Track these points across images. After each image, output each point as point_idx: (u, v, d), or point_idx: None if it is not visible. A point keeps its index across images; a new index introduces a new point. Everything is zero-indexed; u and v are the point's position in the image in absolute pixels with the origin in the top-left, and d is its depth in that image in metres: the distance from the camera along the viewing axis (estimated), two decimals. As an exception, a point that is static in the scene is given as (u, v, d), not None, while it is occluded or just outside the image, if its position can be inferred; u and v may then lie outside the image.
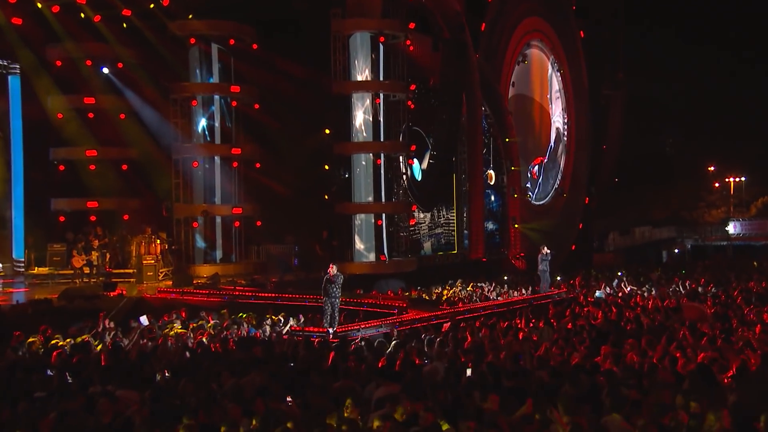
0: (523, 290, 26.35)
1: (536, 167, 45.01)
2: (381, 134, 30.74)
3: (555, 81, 46.65)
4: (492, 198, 40.73)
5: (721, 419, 7.97)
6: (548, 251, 25.90)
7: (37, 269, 26.87)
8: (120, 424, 8.75)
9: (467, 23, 35.55)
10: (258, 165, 29.41)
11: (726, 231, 58.92)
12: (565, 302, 22.18)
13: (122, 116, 27.91)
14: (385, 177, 30.99)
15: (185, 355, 13.41)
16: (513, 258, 39.62)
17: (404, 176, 32.78)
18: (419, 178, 34.66)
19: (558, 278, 29.16)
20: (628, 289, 25.76)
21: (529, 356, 12.11)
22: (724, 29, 62.99)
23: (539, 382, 10.03)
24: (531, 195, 44.14)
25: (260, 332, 17.41)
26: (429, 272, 31.22)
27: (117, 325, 17.37)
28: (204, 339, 15.86)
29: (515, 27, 41.49)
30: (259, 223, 29.47)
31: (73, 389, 10.33)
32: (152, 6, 27.38)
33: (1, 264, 26.39)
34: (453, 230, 37.59)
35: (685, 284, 25.89)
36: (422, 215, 35.27)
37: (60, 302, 21.20)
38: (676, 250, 58.07)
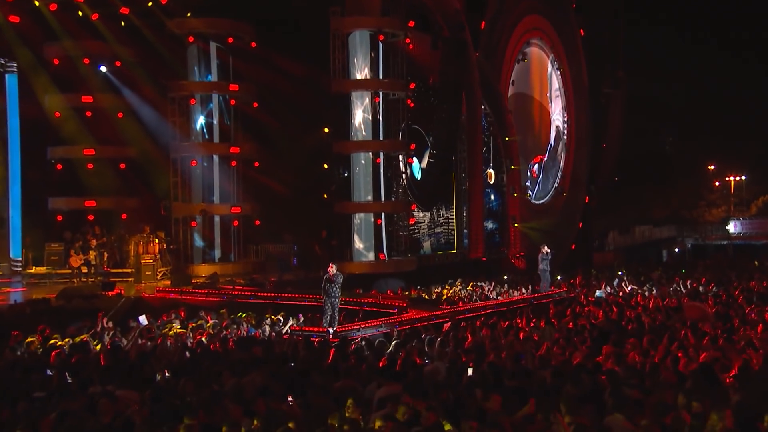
0: (524, 289, 26.36)
1: (536, 165, 45.01)
2: (380, 133, 30.73)
3: (555, 79, 46.64)
4: (492, 197, 40.73)
5: (724, 419, 7.97)
6: (548, 250, 25.93)
7: (35, 269, 26.89)
8: (120, 424, 8.75)
9: (467, 21, 35.52)
10: (257, 164, 29.41)
11: (726, 230, 58.96)
12: (566, 302, 22.18)
13: (120, 115, 27.90)
14: (385, 176, 30.99)
15: (185, 355, 13.40)
16: (513, 257, 39.64)
17: (404, 175, 32.76)
18: (419, 177, 34.65)
19: (558, 277, 29.20)
20: (629, 289, 25.79)
21: (531, 356, 12.12)
22: (725, 28, 63.10)
23: (541, 382, 10.04)
24: (531, 194, 44.14)
25: (260, 332, 17.40)
26: (428, 271, 31.22)
27: (115, 325, 17.35)
28: (203, 339, 15.84)
29: (515, 25, 41.49)
30: (258, 223, 29.46)
31: (73, 389, 10.33)
32: (150, 4, 27.42)
33: (-1, 264, 26.43)
34: (452, 229, 37.58)
35: (686, 284, 25.93)
36: (422, 214, 35.26)
37: (58, 302, 21.18)
38: (677, 250, 58.12)
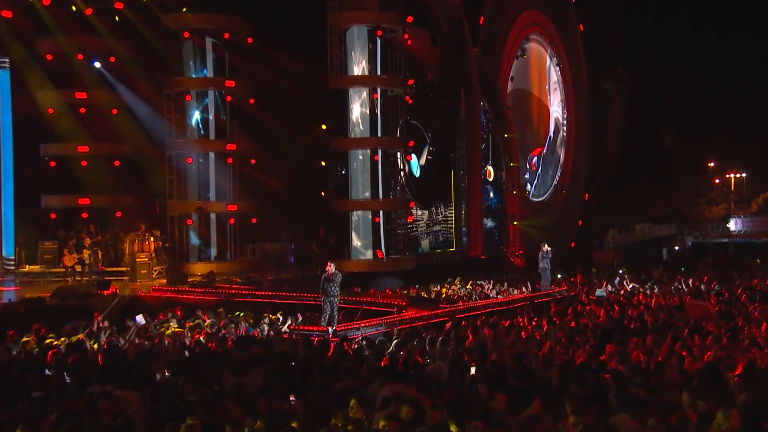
0: (524, 288, 26.39)
1: (535, 158, 45.10)
2: (378, 130, 30.76)
3: (553, 72, 46.72)
4: (491, 194, 40.80)
5: (731, 418, 8.00)
6: (549, 249, 25.91)
7: (28, 267, 26.86)
8: (121, 424, 8.76)
9: (465, 17, 35.54)
10: (253, 161, 29.37)
11: (727, 228, 59.01)
12: (567, 300, 22.23)
13: (115, 111, 27.88)
14: (383, 173, 31.03)
15: (184, 355, 13.41)
16: (512, 255, 39.71)
17: (402, 172, 32.79)
18: (417, 175, 34.68)
19: (559, 276, 29.24)
20: (630, 287, 25.84)
21: (534, 355, 12.14)
22: (725, 25, 63.09)
23: (545, 382, 10.06)
24: (529, 188, 44.21)
25: (258, 331, 17.41)
26: (427, 270, 31.27)
27: (111, 324, 17.36)
28: (201, 338, 15.84)
29: (514, 20, 41.54)
30: (255, 221, 29.46)
31: (72, 389, 10.33)
32: (145, -1, 27.39)
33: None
34: (451, 228, 37.62)
35: (688, 282, 26.00)
36: (420, 212, 35.30)
37: (53, 301, 21.20)
38: (677, 248, 58.20)
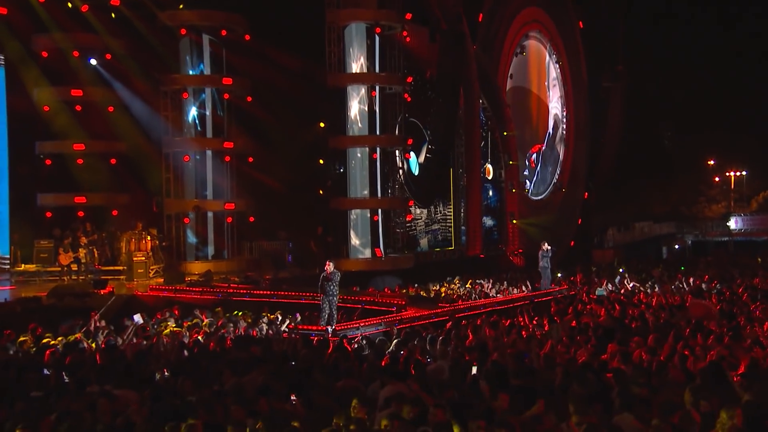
0: (524, 287, 26.40)
1: (534, 155, 45.13)
2: (377, 128, 30.75)
3: (552, 68, 46.74)
4: (490, 193, 40.82)
5: (734, 417, 8.01)
6: (549, 247, 25.87)
7: (24, 266, 26.75)
8: (121, 424, 8.76)
9: (465, 14, 35.54)
10: (251, 159, 29.36)
11: (727, 226, 59.05)
12: (567, 299, 22.24)
13: (111, 109, 27.77)
14: (381, 171, 31.03)
15: (183, 354, 13.41)
16: (511, 254, 39.75)
17: (401, 171, 32.79)
18: (416, 173, 34.67)
19: (559, 275, 29.26)
20: (631, 286, 25.85)
21: (536, 355, 12.15)
22: (725, 21, 63.11)
23: (548, 382, 10.06)
24: (529, 186, 44.22)
25: (257, 330, 17.41)
26: (426, 269, 31.29)
27: (108, 324, 17.35)
28: (200, 337, 15.84)
29: (513, 17, 41.60)
30: (252, 219, 29.46)
31: (71, 389, 10.33)
32: (141, -5, 27.34)
33: (-13, 261, 26.37)
34: (450, 226, 37.64)
35: (689, 281, 26.03)
36: (419, 211, 35.31)
37: (49, 300, 21.13)
38: (677, 246, 58.25)
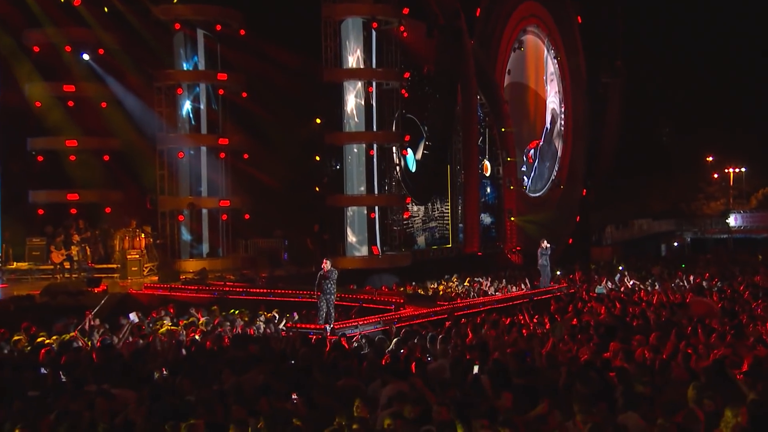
0: (523, 285, 26.42)
1: (532, 151, 45.21)
2: (374, 124, 30.75)
3: (550, 63, 46.80)
4: (488, 190, 40.85)
5: (739, 416, 8.07)
6: (548, 245, 25.89)
7: (16, 264, 26.72)
8: (120, 424, 8.78)
9: (462, 8, 35.48)
10: (246, 156, 29.32)
11: (726, 223, 59.16)
12: (567, 298, 22.30)
13: (104, 104, 27.80)
14: (378, 168, 31.05)
15: (180, 353, 13.41)
16: (509, 252, 39.80)
17: (398, 167, 32.81)
18: (413, 170, 34.69)
19: (558, 273, 29.32)
20: (631, 284, 25.91)
21: (538, 354, 12.19)
22: (725, 19, 63.14)
23: (551, 381, 10.10)
24: (527, 182, 44.28)
25: (254, 329, 17.43)
26: (423, 267, 31.37)
27: (103, 322, 17.35)
28: (197, 336, 15.85)
29: (511, 12, 41.61)
30: (247, 216, 29.40)
31: (68, 388, 10.33)
32: (135, -11, 27.32)
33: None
34: (447, 224, 37.69)
35: (689, 279, 26.12)
36: (416, 208, 35.33)
37: (42, 299, 21.15)
38: (676, 244, 58.34)
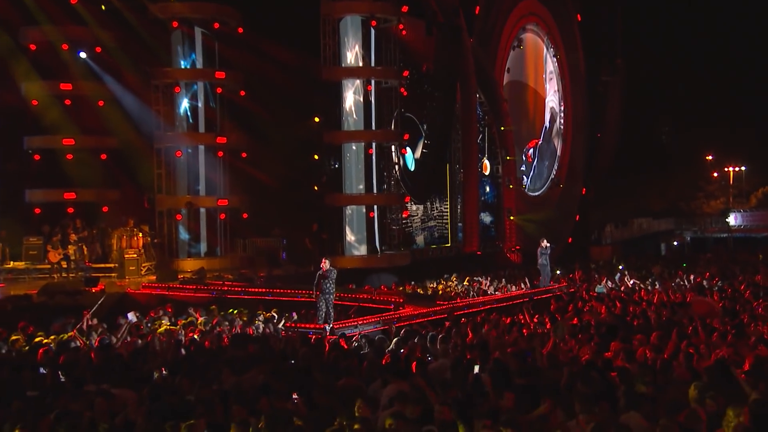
0: (522, 285, 26.44)
1: (531, 150, 45.25)
2: (372, 122, 30.76)
3: (550, 61, 46.83)
4: (487, 189, 40.88)
5: (741, 416, 8.09)
6: (548, 244, 25.96)
7: (12, 264, 26.61)
8: (120, 424, 8.80)
9: (461, 6, 35.54)
10: (244, 155, 29.27)
11: (726, 222, 59.25)
12: (567, 297, 22.34)
13: (101, 103, 27.71)
14: (377, 167, 31.05)
15: (180, 353, 13.43)
16: (508, 251, 39.83)
17: (396, 166, 32.82)
18: (412, 169, 34.71)
19: (558, 272, 29.36)
20: (631, 283, 25.95)
21: (539, 353, 12.21)
22: (725, 16, 63.18)
23: (553, 380, 10.12)
24: (526, 181, 44.31)
25: (253, 329, 17.46)
26: (422, 266, 31.40)
27: (101, 322, 17.37)
28: (196, 336, 15.87)
29: (510, 10, 41.65)
30: (246, 216, 29.36)
31: (67, 388, 10.35)
32: (132, -14, 27.29)
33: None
34: (446, 223, 37.70)
35: (689, 278, 26.16)
36: (414, 207, 35.33)
37: (40, 298, 21.14)
38: (675, 243, 58.39)
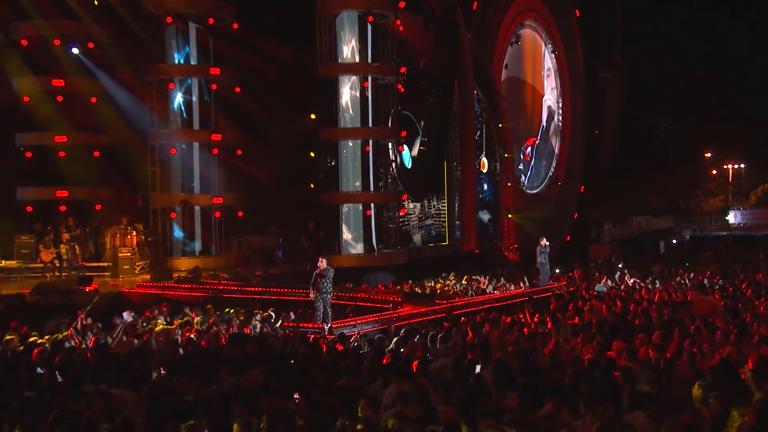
0: (522, 283, 26.47)
1: (529, 149, 45.31)
2: (369, 119, 30.77)
3: (548, 58, 46.89)
4: (485, 187, 40.92)
5: (746, 415, 8.15)
6: (547, 243, 26.02)
7: (4, 262, 26.58)
8: (120, 424, 8.82)
9: (459, 2, 35.58)
10: (239, 152, 29.25)
11: (726, 220, 59.42)
12: (568, 296, 22.39)
13: (94, 99, 27.70)
14: (374, 164, 31.07)
15: (178, 352, 13.45)
16: (506, 249, 39.89)
17: (393, 164, 32.84)
18: (409, 166, 34.74)
19: (557, 271, 29.42)
20: (632, 282, 26.01)
21: (541, 353, 12.26)
22: (724, 12, 63.31)
23: (556, 380, 10.16)
24: (523, 179, 44.38)
25: (250, 328, 17.47)
26: (420, 265, 31.43)
27: (95, 322, 17.36)
28: (192, 335, 15.88)
29: (508, 6, 41.67)
30: (241, 214, 29.37)
31: (65, 388, 10.37)
32: (125, -19, 27.24)
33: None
34: (444, 221, 37.73)
35: (690, 277, 26.25)
36: (412, 206, 35.37)
37: (33, 297, 21.11)
38: (674, 241, 58.53)
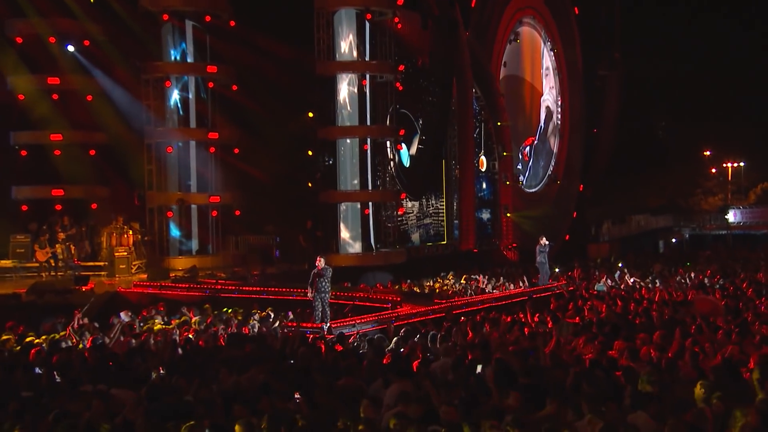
0: (521, 283, 26.49)
1: (527, 148, 45.33)
2: (367, 118, 30.77)
3: (547, 57, 46.92)
4: (483, 185, 40.93)
5: (749, 415, 8.17)
6: (546, 242, 26.04)
7: (0, 262, 26.65)
8: (120, 424, 8.82)
9: (457, -1, 35.63)
10: (236, 150, 29.26)
11: (725, 219, 59.48)
12: (568, 295, 22.40)
13: (90, 98, 27.71)
14: (372, 163, 31.07)
15: (176, 352, 13.45)
16: (505, 248, 39.90)
17: (392, 162, 32.84)
18: (408, 165, 34.74)
19: (557, 270, 29.44)
20: (632, 281, 26.04)
21: (542, 353, 12.27)
22: (724, 10, 63.35)
23: (557, 380, 10.18)
24: (522, 178, 44.41)
25: (248, 328, 17.47)
26: (418, 264, 31.46)
27: (92, 322, 17.36)
28: (191, 335, 15.87)
29: (507, 3, 41.69)
30: (238, 213, 29.38)
31: (64, 388, 10.37)
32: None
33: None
34: (442, 220, 37.75)
35: (690, 276, 26.28)
36: (410, 204, 35.38)
37: (29, 297, 21.12)
38: (674, 240, 58.60)
